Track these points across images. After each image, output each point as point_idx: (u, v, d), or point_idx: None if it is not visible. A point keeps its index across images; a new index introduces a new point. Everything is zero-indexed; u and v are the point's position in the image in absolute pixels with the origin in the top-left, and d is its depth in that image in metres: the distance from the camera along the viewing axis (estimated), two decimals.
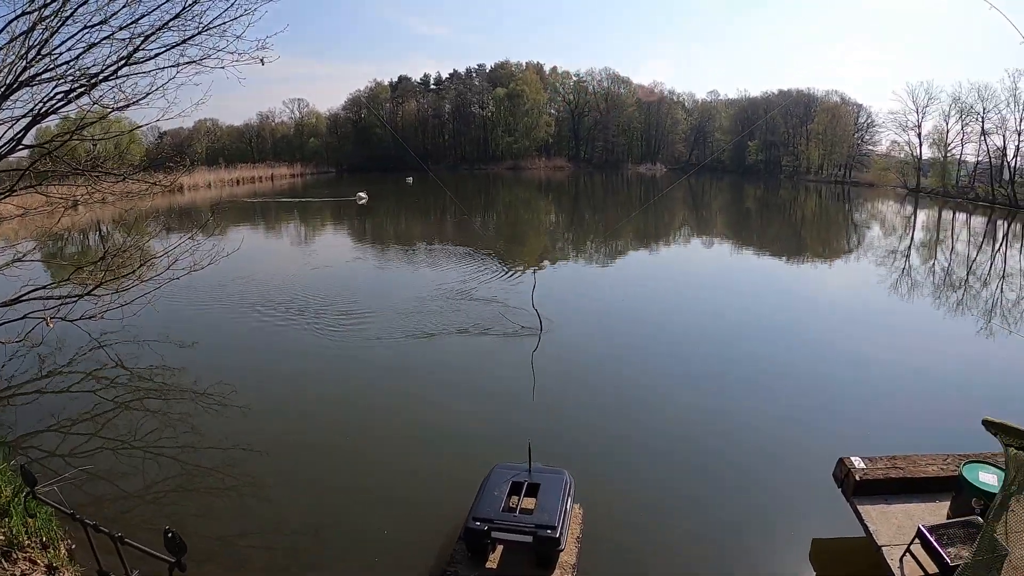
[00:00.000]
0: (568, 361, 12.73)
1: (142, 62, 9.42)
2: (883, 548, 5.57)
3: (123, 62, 9.28)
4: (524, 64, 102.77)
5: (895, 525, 5.81)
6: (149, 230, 15.10)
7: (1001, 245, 32.64)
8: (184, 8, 9.25)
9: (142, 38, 9.21)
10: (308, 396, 11.07)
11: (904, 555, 5.35)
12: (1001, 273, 23.72)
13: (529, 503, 5.97)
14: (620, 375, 12.11)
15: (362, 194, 48.14)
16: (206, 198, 49.44)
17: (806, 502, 7.60)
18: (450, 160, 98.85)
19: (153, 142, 66.53)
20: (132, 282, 12.53)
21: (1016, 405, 10.11)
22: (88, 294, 11.59)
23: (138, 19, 9.15)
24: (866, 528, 5.87)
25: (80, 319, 12.15)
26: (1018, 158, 52.88)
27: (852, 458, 6.45)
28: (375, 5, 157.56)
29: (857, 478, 6.16)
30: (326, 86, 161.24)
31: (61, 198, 12.17)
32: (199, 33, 9.23)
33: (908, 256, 27.64)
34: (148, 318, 14.43)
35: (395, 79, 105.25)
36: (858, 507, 6.10)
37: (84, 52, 9.23)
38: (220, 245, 14.02)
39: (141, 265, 12.10)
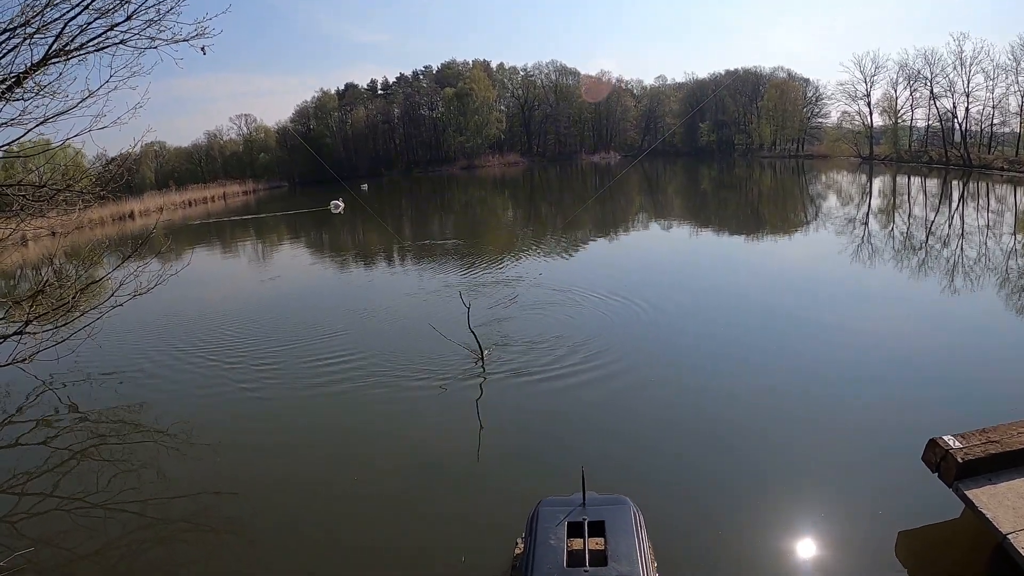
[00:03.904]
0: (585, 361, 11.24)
1: (71, 52, 8.36)
2: (1009, 536, 4.99)
3: (50, 57, 8.24)
4: (471, 62, 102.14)
5: (1010, 507, 5.24)
6: (96, 259, 13.79)
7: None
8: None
9: (67, 27, 8.18)
10: (285, 428, 9.80)
11: None
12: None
13: (595, 544, 4.73)
14: (639, 368, 10.91)
15: (338, 202, 43.81)
16: (159, 223, 46.74)
17: (877, 493, 6.66)
18: (402, 164, 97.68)
19: (99, 167, 63.70)
20: (73, 314, 11.28)
21: None
22: (19, 333, 10.25)
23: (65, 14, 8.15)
24: (981, 515, 5.27)
25: (10, 363, 10.69)
26: (968, 119, 54.01)
27: (944, 438, 5.82)
28: (311, 17, 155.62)
29: (960, 459, 5.53)
30: (273, 100, 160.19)
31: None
32: (128, 19, 8.22)
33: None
34: (102, 353, 13.42)
35: (342, 87, 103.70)
36: (966, 492, 5.48)
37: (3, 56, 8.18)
38: (169, 266, 12.77)
39: (75, 295, 10.74)
